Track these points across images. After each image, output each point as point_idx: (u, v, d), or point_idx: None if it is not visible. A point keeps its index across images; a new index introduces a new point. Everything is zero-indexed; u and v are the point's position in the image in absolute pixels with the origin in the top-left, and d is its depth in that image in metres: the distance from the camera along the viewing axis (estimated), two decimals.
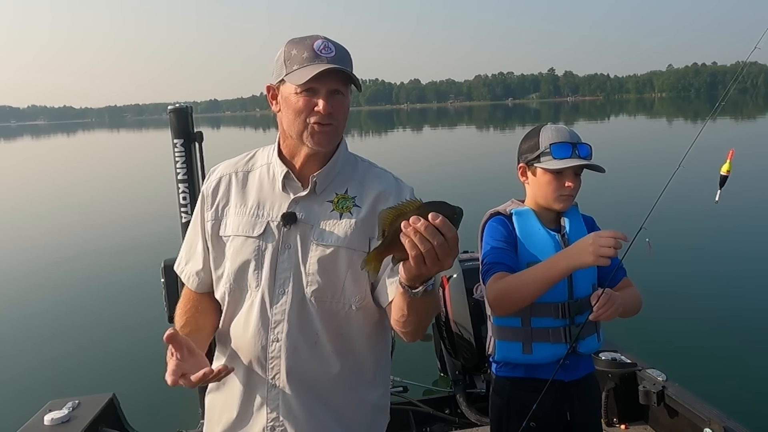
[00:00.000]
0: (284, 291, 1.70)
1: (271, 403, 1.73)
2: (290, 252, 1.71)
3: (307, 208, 1.73)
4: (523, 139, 2.36)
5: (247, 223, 1.75)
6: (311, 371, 1.73)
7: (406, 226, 1.28)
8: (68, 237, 13.29)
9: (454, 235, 1.30)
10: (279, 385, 1.72)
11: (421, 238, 1.28)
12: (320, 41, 1.66)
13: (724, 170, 2.22)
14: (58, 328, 7.72)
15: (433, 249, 1.29)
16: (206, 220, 1.83)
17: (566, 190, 2.25)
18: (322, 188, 1.75)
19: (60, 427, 3.32)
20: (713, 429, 3.09)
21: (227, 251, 1.77)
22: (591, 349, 2.32)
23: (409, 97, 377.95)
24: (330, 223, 1.72)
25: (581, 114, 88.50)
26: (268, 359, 1.72)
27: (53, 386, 5.52)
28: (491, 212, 2.35)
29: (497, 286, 2.10)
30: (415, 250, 1.30)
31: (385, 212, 1.36)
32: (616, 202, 11.97)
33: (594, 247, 1.90)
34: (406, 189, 1.83)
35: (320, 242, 1.70)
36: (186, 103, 3.52)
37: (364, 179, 1.81)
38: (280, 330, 1.70)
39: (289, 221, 1.71)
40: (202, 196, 1.86)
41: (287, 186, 1.76)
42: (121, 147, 52.13)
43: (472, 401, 3.95)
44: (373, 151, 35.46)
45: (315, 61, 1.63)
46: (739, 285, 8.17)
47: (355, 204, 1.75)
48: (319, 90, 1.65)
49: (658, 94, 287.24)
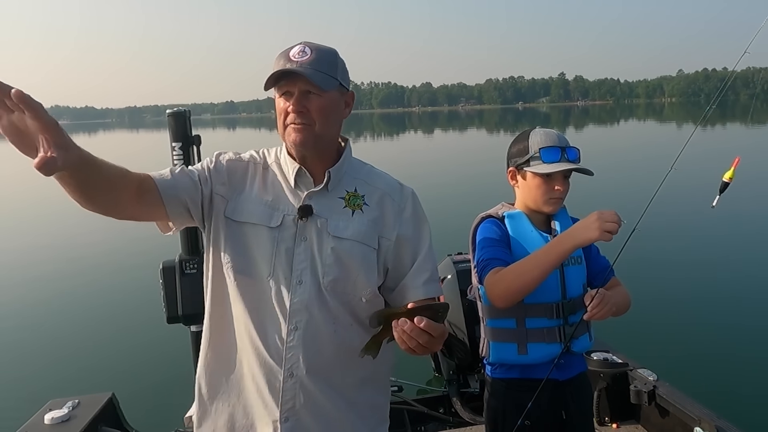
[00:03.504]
0: (301, 281, 1.73)
1: (288, 393, 1.73)
2: (306, 244, 1.75)
3: (321, 203, 1.79)
4: (512, 143, 2.39)
5: (264, 213, 1.77)
6: (330, 360, 1.76)
7: (396, 326, 1.48)
8: (68, 237, 13.35)
9: (438, 333, 1.48)
10: (297, 374, 1.73)
11: (409, 337, 1.47)
12: (298, 47, 1.73)
13: (726, 177, 2.23)
14: (58, 328, 7.78)
15: (420, 344, 1.48)
16: (215, 191, 1.81)
17: (556, 193, 2.27)
18: (334, 185, 1.82)
19: (60, 426, 3.35)
20: (703, 428, 3.10)
21: (238, 236, 1.78)
22: (584, 348, 2.35)
23: (421, 100, 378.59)
24: (344, 219, 1.78)
25: (591, 118, 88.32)
26: (287, 348, 1.73)
27: (53, 386, 5.56)
28: (482, 216, 2.37)
29: (497, 277, 2.12)
30: (404, 345, 1.50)
31: (380, 310, 1.57)
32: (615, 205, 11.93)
33: (600, 223, 1.95)
34: (407, 190, 1.92)
35: (335, 234, 1.76)
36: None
37: (369, 179, 1.89)
38: (299, 319, 1.73)
39: (306, 213, 1.75)
40: (218, 164, 1.85)
41: (299, 182, 1.81)
42: (132, 147, 52.23)
43: (466, 400, 3.98)
44: (385, 152, 35.59)
45: (285, 67, 1.69)
46: (730, 287, 8.25)
47: (365, 203, 1.83)
48: (293, 92, 1.72)
49: (668, 98, 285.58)
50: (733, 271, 8.93)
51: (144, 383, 5.09)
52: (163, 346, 5.59)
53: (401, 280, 1.84)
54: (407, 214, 1.87)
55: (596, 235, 1.96)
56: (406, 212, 1.86)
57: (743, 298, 7.79)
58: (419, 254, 1.85)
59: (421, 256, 1.85)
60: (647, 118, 79.62)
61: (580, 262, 2.33)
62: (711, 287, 8.26)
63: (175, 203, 1.74)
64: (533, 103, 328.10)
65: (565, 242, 2.06)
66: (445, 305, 1.55)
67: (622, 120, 77.24)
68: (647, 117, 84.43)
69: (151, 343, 6.29)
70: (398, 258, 1.83)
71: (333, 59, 1.77)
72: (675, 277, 8.63)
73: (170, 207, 1.73)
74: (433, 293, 1.85)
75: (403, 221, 1.85)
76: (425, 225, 1.91)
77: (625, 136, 40.89)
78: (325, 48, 1.77)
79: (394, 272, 1.84)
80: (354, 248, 1.76)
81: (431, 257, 1.88)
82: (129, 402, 3.98)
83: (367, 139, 52.17)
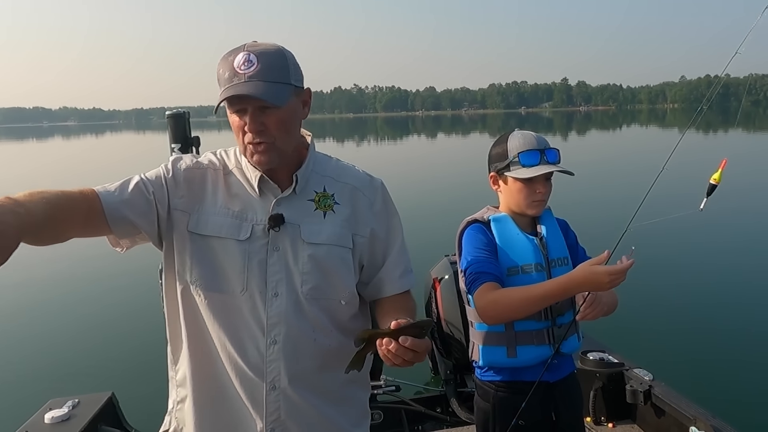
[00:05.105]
0: (277, 293, 1.67)
1: (271, 405, 1.70)
2: (279, 254, 1.69)
3: (290, 209, 1.71)
4: (492, 147, 2.39)
5: (231, 225, 1.69)
6: (312, 369, 1.73)
7: (381, 345, 1.48)
8: None
9: (423, 349, 1.47)
10: (280, 386, 1.69)
11: (394, 356, 1.46)
12: (241, 55, 1.59)
13: (713, 179, 2.22)
14: (58, 328, 7.79)
15: (405, 360, 1.48)
16: (173, 206, 1.71)
17: (538, 195, 2.27)
18: (301, 187, 1.74)
19: (60, 425, 3.34)
20: (699, 427, 3.11)
21: (204, 251, 1.69)
22: (573, 349, 2.35)
23: (425, 104, 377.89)
24: (316, 222, 1.72)
25: (593, 123, 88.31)
26: (266, 362, 1.68)
27: (53, 385, 5.57)
28: (468, 220, 2.36)
29: (490, 299, 2.12)
30: (389, 362, 1.49)
31: (364, 331, 1.54)
32: (610, 205, 12.31)
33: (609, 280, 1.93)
34: (376, 182, 1.87)
35: (310, 241, 1.70)
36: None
37: (337, 176, 1.82)
38: (278, 332, 1.67)
39: (278, 223, 1.67)
40: (176, 174, 1.74)
41: (264, 189, 1.72)
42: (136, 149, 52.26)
43: (463, 400, 3.97)
44: (388, 155, 35.64)
45: (233, 81, 1.58)
46: (724, 287, 8.32)
47: (335, 202, 1.77)
48: (247, 108, 1.60)
49: (671, 105, 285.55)
50: (729, 272, 9.01)
51: (144, 383, 5.06)
52: (163, 346, 5.52)
53: (376, 274, 1.82)
54: (378, 207, 1.83)
55: (606, 289, 2.01)
56: (376, 205, 1.83)
57: (738, 299, 7.86)
58: (393, 247, 1.84)
59: (395, 249, 1.84)
60: (649, 124, 79.66)
61: (567, 263, 2.32)
62: (706, 288, 8.32)
63: (122, 224, 1.62)
64: (536, 108, 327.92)
65: (569, 291, 2.08)
66: (429, 322, 1.55)
67: (624, 125, 77.23)
68: (649, 123, 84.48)
69: (151, 343, 6.17)
70: (372, 253, 1.81)
71: (282, 62, 1.63)
72: (672, 277, 8.69)
73: (116, 229, 1.62)
74: (408, 286, 1.86)
75: (374, 215, 1.82)
76: (396, 217, 1.88)
77: (625, 141, 40.86)
78: (271, 50, 1.63)
79: (369, 267, 1.82)
80: (331, 252, 1.72)
81: (404, 249, 1.87)
82: (129, 402, 3.99)
83: (371, 142, 52.20)
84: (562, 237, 2.37)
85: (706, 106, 2.62)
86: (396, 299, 1.83)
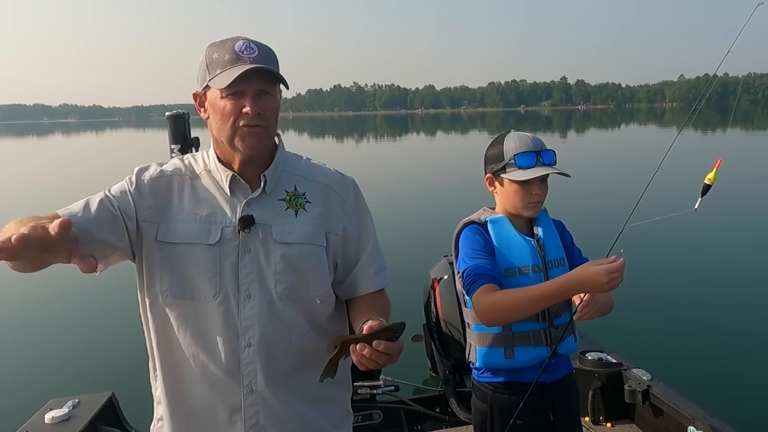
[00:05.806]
0: (249, 295, 1.66)
1: (250, 409, 1.69)
2: (251, 256, 1.67)
3: (261, 209, 1.70)
4: (488, 149, 2.39)
5: (200, 230, 1.67)
6: (288, 370, 1.72)
7: (354, 350, 1.45)
8: None
9: (396, 352, 1.46)
10: (257, 389, 1.68)
11: (368, 360, 1.45)
12: (241, 42, 1.63)
13: (708, 179, 2.22)
14: (58, 328, 7.78)
15: (379, 363, 1.47)
16: (141, 218, 1.69)
17: (534, 197, 2.27)
18: (271, 187, 1.73)
19: (60, 425, 3.35)
20: (697, 427, 3.13)
21: (173, 259, 1.67)
22: (570, 350, 2.36)
23: (424, 102, 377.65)
24: (288, 221, 1.71)
25: (592, 122, 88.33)
26: (242, 366, 1.66)
27: (53, 385, 5.55)
28: (465, 221, 2.36)
29: (489, 301, 2.12)
30: (363, 366, 1.48)
31: (337, 338, 1.52)
32: (606, 205, 12.36)
33: (607, 279, 1.93)
34: (347, 180, 1.87)
35: (282, 240, 1.69)
36: None
37: (308, 174, 1.81)
38: (252, 335, 1.66)
39: (248, 224, 1.66)
40: (140, 185, 1.72)
41: (235, 190, 1.71)
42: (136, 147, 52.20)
43: (462, 400, 3.99)
44: (386, 153, 35.62)
45: (237, 63, 1.59)
46: (720, 286, 8.34)
47: (307, 200, 1.76)
48: (246, 92, 1.60)
49: (669, 104, 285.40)
50: (726, 272, 9.04)
51: (144, 383, 4.98)
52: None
53: (351, 272, 1.81)
54: (350, 205, 1.83)
55: (606, 290, 1.99)
56: (348, 203, 1.82)
57: (736, 298, 7.88)
58: (366, 245, 1.84)
59: (369, 246, 1.84)
60: (647, 123, 79.67)
61: (564, 264, 2.33)
62: (704, 288, 8.34)
63: (92, 245, 1.55)
64: (535, 107, 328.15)
65: (568, 292, 2.08)
66: (401, 324, 1.53)
67: (623, 124, 77.31)
68: (647, 121, 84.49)
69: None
70: (346, 251, 1.80)
71: (274, 56, 1.68)
72: (669, 277, 8.71)
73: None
74: (382, 283, 1.86)
75: (346, 213, 1.81)
76: (368, 214, 1.88)
77: (622, 140, 40.88)
78: (264, 44, 1.67)
79: (343, 265, 1.81)
80: (303, 251, 1.70)
81: (378, 247, 1.87)
82: (129, 402, 3.98)
83: (370, 140, 52.17)
84: (559, 238, 2.37)
85: (700, 105, 2.63)
86: (370, 298, 1.82)
